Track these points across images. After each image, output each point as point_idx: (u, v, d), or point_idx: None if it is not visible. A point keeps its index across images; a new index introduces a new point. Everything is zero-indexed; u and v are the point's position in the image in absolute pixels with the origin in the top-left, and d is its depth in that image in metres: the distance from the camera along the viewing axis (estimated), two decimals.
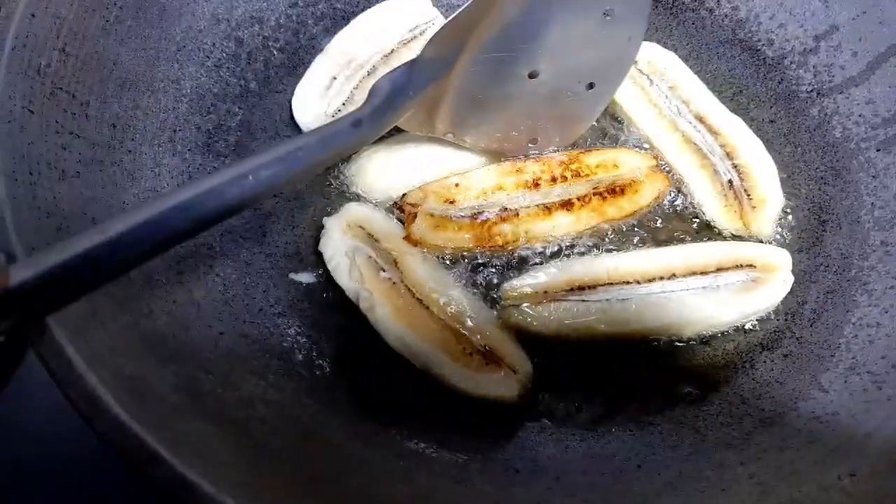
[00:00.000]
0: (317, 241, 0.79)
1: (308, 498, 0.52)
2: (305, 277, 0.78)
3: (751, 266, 0.75)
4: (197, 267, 0.71)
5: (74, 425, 0.73)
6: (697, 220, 0.82)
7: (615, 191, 0.80)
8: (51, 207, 0.60)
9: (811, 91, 0.89)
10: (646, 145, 0.86)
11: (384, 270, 0.76)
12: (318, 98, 0.86)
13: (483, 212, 0.79)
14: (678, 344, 0.75)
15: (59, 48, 0.67)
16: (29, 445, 0.76)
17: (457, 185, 0.81)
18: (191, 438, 0.51)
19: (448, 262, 0.78)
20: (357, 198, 0.82)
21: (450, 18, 0.69)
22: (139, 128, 0.75)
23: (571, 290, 0.75)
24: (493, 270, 0.78)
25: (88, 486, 0.74)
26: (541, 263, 0.78)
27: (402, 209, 0.80)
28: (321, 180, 0.84)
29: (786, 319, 0.76)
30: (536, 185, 0.81)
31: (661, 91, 0.87)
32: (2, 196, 0.56)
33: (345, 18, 0.92)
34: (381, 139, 0.85)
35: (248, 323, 0.70)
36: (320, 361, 0.71)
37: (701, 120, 0.85)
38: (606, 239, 0.80)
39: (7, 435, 0.76)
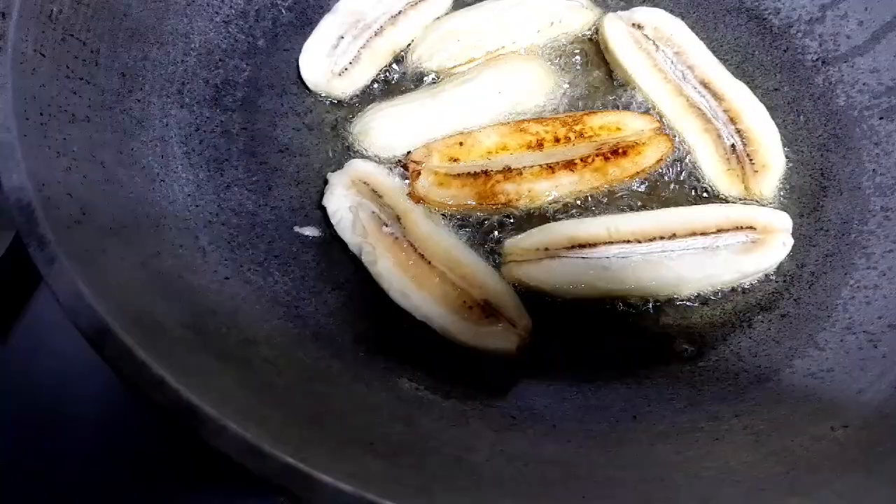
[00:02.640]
0: (321, 196, 0.79)
1: (310, 431, 0.53)
2: (310, 231, 0.79)
3: (751, 228, 0.76)
4: (203, 215, 0.72)
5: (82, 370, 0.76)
6: (699, 184, 0.82)
7: (618, 152, 0.80)
8: (61, 148, 0.61)
9: (816, 60, 0.89)
10: (650, 109, 0.86)
11: (387, 226, 0.77)
12: (325, 56, 0.87)
13: (487, 170, 0.80)
14: (677, 302, 0.76)
15: None
16: (38, 386, 0.77)
17: (461, 143, 0.81)
18: (195, 369, 0.52)
19: (450, 218, 0.79)
20: (362, 155, 0.83)
21: None
22: (148, 78, 0.75)
23: (572, 247, 0.75)
24: (495, 227, 0.79)
25: (98, 424, 0.75)
26: (543, 222, 0.79)
27: (406, 166, 0.81)
28: (327, 138, 0.85)
29: (784, 281, 0.77)
30: (540, 145, 0.81)
31: (667, 56, 0.87)
32: (13, 133, 0.57)
33: None
34: (387, 98, 0.87)
35: (253, 270, 0.71)
36: (323, 311, 0.72)
37: (705, 85, 0.85)
38: (608, 199, 0.81)
39: (17, 377, 0.78)
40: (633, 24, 0.89)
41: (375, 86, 0.88)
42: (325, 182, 0.80)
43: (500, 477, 0.56)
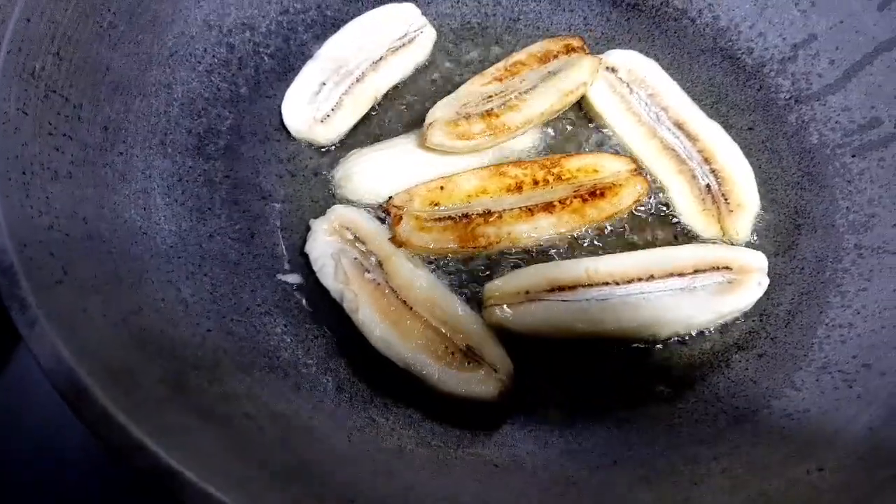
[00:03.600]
0: (304, 242, 0.80)
1: (292, 490, 0.53)
2: (292, 278, 0.79)
3: (727, 268, 0.77)
4: (185, 266, 0.73)
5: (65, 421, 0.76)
6: (676, 224, 0.84)
7: (596, 193, 0.82)
8: (43, 206, 0.62)
9: (789, 98, 0.91)
10: (625, 151, 0.88)
11: (369, 272, 0.78)
12: (308, 103, 0.88)
13: (467, 214, 0.81)
14: (655, 343, 0.77)
15: (53, 52, 0.69)
16: (21, 440, 0.77)
17: (441, 188, 0.82)
18: (176, 430, 0.52)
19: (432, 263, 0.80)
20: (344, 200, 0.84)
21: None
22: (131, 130, 0.76)
23: (552, 290, 0.76)
24: (477, 270, 0.80)
25: (77, 478, 0.75)
26: (522, 264, 0.80)
27: (387, 211, 0.82)
28: (309, 184, 0.86)
29: (761, 320, 0.78)
30: (519, 188, 0.82)
31: (641, 99, 0.89)
32: None
33: (335, 26, 0.94)
34: (369, 144, 0.88)
35: (235, 321, 0.72)
36: (306, 360, 0.73)
37: (679, 126, 0.87)
38: (587, 241, 0.82)
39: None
40: (608, 68, 0.90)
41: (357, 131, 0.89)
42: (308, 228, 0.81)
43: None
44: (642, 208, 0.84)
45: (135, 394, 0.53)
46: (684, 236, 0.83)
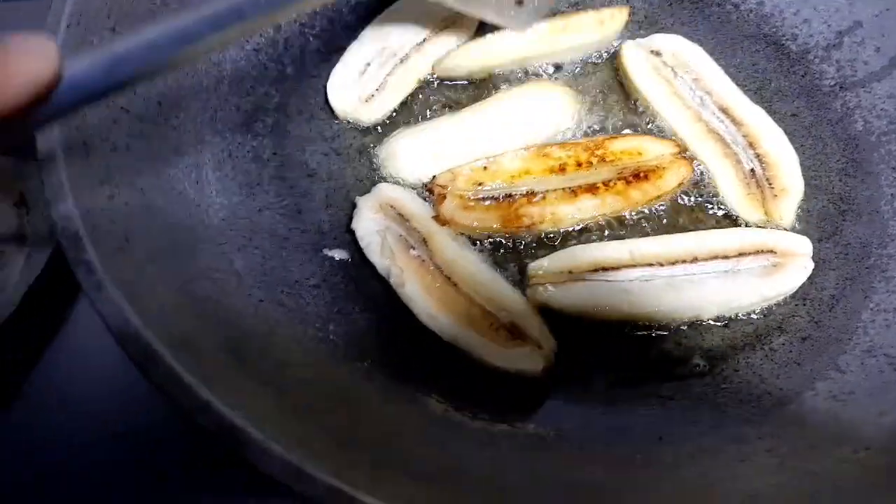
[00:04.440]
0: (350, 219, 0.81)
1: (348, 453, 0.54)
2: (339, 254, 0.80)
3: (771, 252, 0.77)
4: (236, 240, 0.74)
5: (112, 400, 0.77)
6: (720, 208, 0.84)
7: (639, 176, 0.82)
8: (103, 176, 0.63)
9: (834, 85, 0.91)
10: (670, 134, 0.88)
11: (414, 249, 0.79)
12: (353, 83, 0.89)
13: (511, 194, 0.81)
14: (698, 325, 0.77)
15: (109, 27, 0.70)
16: (67, 420, 0.79)
17: (485, 168, 0.83)
18: (237, 392, 0.53)
19: (476, 242, 0.81)
20: (388, 179, 0.85)
21: None
22: (183, 106, 0.77)
23: (595, 270, 0.77)
24: (520, 250, 0.81)
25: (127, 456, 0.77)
26: (566, 245, 0.81)
27: (431, 190, 0.82)
28: (354, 162, 0.87)
29: (805, 304, 0.78)
30: (563, 169, 0.83)
31: (686, 82, 0.89)
32: (60, 163, 0.59)
33: (379, 7, 0.95)
34: (413, 124, 0.88)
35: (286, 293, 0.73)
36: (354, 332, 0.74)
37: (724, 110, 0.87)
38: (630, 223, 0.83)
39: (45, 410, 0.80)
40: (652, 51, 0.90)
41: (402, 111, 0.90)
42: (354, 206, 0.82)
43: (533, 500, 0.58)
44: (686, 191, 0.84)
45: (197, 357, 0.54)
46: (728, 220, 0.83)
